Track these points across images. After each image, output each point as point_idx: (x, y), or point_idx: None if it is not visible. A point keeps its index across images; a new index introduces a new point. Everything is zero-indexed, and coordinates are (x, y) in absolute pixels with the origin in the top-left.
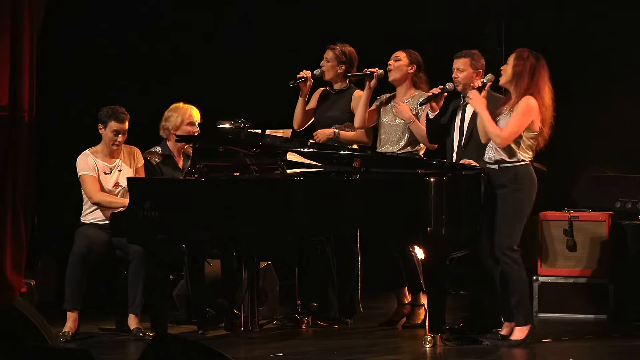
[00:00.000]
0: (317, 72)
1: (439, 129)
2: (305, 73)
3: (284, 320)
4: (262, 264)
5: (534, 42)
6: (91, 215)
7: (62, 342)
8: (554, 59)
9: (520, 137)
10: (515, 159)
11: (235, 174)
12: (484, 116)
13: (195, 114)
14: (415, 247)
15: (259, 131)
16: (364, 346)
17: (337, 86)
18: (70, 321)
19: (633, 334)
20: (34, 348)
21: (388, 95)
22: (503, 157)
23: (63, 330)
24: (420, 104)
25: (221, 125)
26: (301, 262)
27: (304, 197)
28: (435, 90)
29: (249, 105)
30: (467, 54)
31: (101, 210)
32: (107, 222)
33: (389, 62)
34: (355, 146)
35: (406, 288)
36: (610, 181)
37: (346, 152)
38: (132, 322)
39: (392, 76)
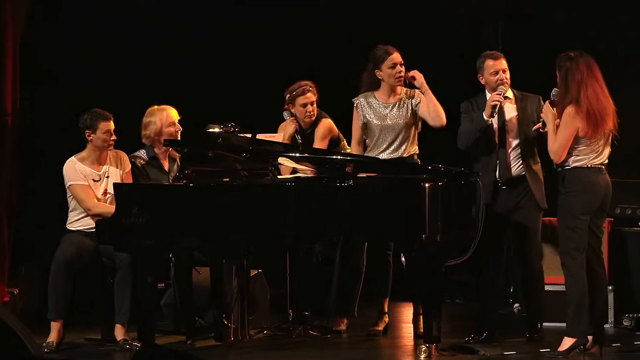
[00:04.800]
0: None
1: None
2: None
3: (275, 330)
4: (253, 272)
5: (533, 43)
6: (78, 223)
7: (46, 353)
8: (554, 60)
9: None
10: (564, 164)
11: (224, 180)
12: (550, 131)
13: (172, 114)
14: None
15: (249, 135)
16: (357, 358)
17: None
18: (55, 331)
19: (633, 343)
20: (17, 358)
21: (364, 95)
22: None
23: (47, 341)
24: (492, 116)
25: (210, 130)
26: (293, 270)
27: (296, 203)
28: (499, 97)
29: (238, 109)
30: (501, 54)
31: (91, 218)
32: (94, 229)
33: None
34: (348, 150)
35: (388, 298)
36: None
37: (339, 157)
38: (119, 332)
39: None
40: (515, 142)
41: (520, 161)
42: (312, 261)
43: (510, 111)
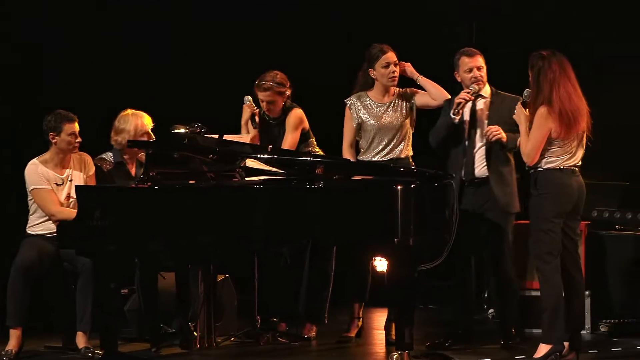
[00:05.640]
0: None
1: (456, 134)
2: None
3: (242, 336)
4: (220, 277)
5: (506, 42)
6: (39, 227)
7: None
8: (526, 60)
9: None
10: (537, 165)
11: (191, 182)
12: (522, 133)
13: (147, 122)
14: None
15: (216, 136)
16: None
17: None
18: (14, 339)
19: (610, 349)
20: None
21: (357, 95)
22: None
23: (6, 349)
24: (454, 114)
25: (176, 130)
26: (261, 275)
27: (264, 205)
28: (467, 96)
29: (205, 109)
30: (478, 51)
31: (52, 222)
32: (55, 233)
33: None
34: (317, 149)
35: (364, 304)
36: (587, 189)
37: (309, 159)
38: (81, 340)
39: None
40: (481, 142)
41: (485, 162)
42: (280, 265)
43: (484, 110)
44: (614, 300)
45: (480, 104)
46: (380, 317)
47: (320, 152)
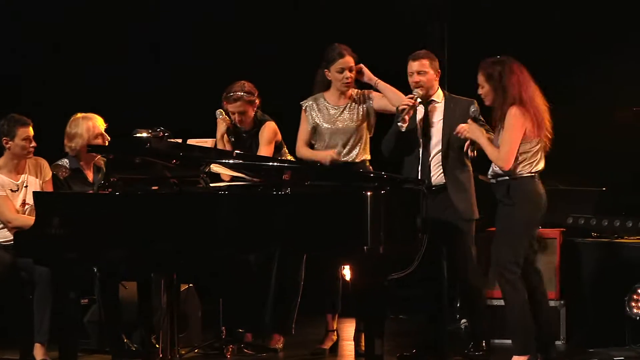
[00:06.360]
0: None
1: (410, 139)
2: None
3: (207, 348)
4: (183, 287)
5: (478, 42)
6: None
7: None
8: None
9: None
10: (508, 172)
11: (153, 188)
12: (484, 144)
13: (99, 124)
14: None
15: (179, 141)
16: None
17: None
18: None
19: None
20: None
21: (313, 97)
22: (498, 172)
23: None
24: (397, 122)
25: (138, 134)
26: (226, 284)
27: (229, 212)
28: (409, 102)
29: (168, 112)
30: (425, 54)
31: (8, 230)
32: (11, 241)
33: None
34: (289, 156)
35: (337, 314)
36: (562, 195)
37: (275, 164)
38: (38, 352)
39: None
40: (437, 149)
41: (441, 169)
42: (246, 274)
43: (437, 115)
44: (591, 309)
45: (433, 109)
46: (349, 328)
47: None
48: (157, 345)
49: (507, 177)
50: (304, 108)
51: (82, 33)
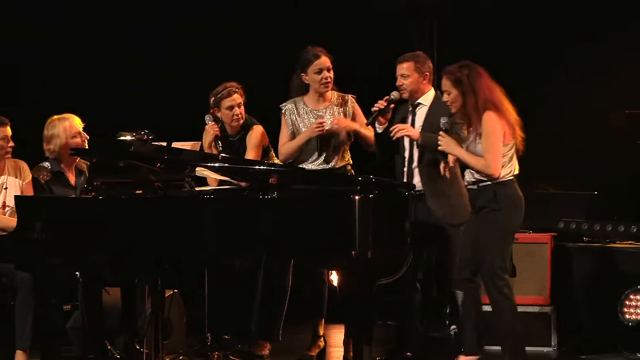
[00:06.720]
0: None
1: (388, 143)
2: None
3: (191, 355)
4: (168, 292)
5: (467, 43)
6: None
7: None
8: (487, 63)
9: None
10: (494, 178)
11: (137, 192)
12: (463, 156)
13: (76, 123)
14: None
15: (164, 144)
16: None
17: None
18: None
19: None
20: None
21: (293, 101)
22: (480, 177)
23: None
24: (368, 124)
25: (122, 137)
26: (212, 290)
27: (215, 217)
28: (381, 104)
29: (154, 115)
30: (410, 57)
31: None
32: None
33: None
34: (277, 160)
35: (324, 319)
36: (553, 199)
37: (262, 167)
38: (20, 358)
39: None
40: (416, 153)
41: (419, 175)
42: (232, 280)
43: (421, 118)
44: (581, 316)
45: (419, 112)
46: (336, 334)
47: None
48: (141, 350)
49: (490, 182)
50: (283, 112)
51: (81, 33)
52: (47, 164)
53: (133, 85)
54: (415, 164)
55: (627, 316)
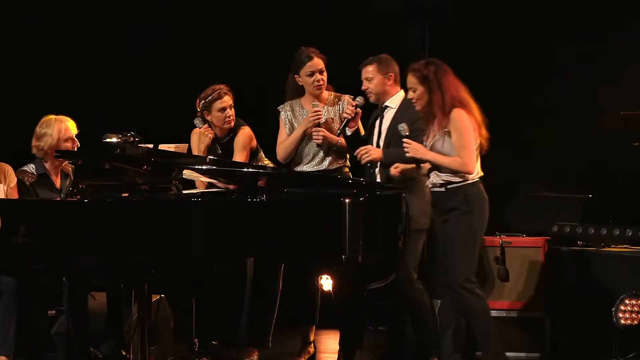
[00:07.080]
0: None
1: (360, 144)
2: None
3: None
4: (154, 297)
5: (459, 43)
6: None
7: None
8: (481, 64)
9: None
10: (462, 179)
11: (123, 195)
12: (435, 158)
13: (71, 127)
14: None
15: (150, 146)
16: None
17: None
18: None
19: None
20: None
21: (290, 103)
22: (449, 179)
23: None
24: (339, 134)
25: (108, 139)
26: (199, 295)
27: (202, 220)
28: (349, 113)
29: (141, 117)
30: (372, 60)
31: None
32: None
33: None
34: (269, 163)
35: (315, 326)
36: (547, 202)
37: (250, 170)
38: None
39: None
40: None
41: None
42: (220, 285)
43: (387, 122)
44: (576, 321)
45: (386, 115)
46: (327, 340)
47: (270, 165)
48: (127, 356)
49: (460, 184)
50: (280, 114)
51: (82, 33)
52: (31, 167)
53: (133, 85)
54: (379, 167)
55: (622, 321)
